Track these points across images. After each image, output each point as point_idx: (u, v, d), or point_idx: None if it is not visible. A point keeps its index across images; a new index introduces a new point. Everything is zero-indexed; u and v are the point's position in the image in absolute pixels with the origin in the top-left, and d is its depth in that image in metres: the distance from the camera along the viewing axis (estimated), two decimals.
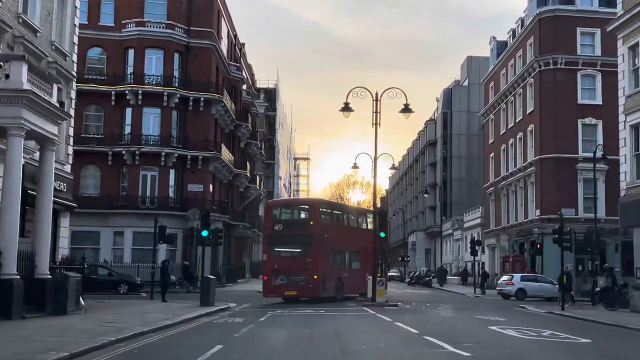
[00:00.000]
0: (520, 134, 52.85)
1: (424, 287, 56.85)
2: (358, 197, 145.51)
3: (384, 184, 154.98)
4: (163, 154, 42.96)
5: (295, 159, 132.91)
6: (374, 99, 30.35)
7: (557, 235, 29.43)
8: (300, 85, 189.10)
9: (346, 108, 30.00)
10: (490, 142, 62.24)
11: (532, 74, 49.94)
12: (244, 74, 58.08)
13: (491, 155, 61.89)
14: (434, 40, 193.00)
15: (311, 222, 29.88)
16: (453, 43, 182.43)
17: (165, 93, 43.20)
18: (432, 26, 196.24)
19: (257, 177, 63.27)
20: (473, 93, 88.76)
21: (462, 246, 75.84)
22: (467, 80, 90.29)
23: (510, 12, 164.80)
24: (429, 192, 74.10)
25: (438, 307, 28.50)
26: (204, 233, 27.71)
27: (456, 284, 59.98)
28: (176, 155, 43.43)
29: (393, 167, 46.37)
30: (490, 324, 19.26)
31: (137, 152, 42.75)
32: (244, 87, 60.02)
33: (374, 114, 30.29)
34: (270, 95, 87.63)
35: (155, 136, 43.46)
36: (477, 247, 48.55)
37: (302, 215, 31.50)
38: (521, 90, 52.83)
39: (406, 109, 30.02)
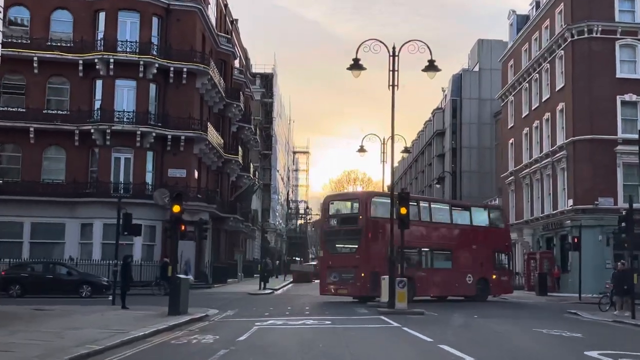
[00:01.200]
0: (547, 115, 46.77)
1: None
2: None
3: (385, 179, 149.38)
4: (138, 133, 36.80)
5: (294, 152, 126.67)
6: (391, 54, 24.40)
7: (624, 224, 23.26)
8: (298, 84, 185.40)
9: (356, 65, 24.11)
10: (510, 126, 56.15)
11: (563, 46, 43.85)
12: (236, 50, 51.93)
13: (510, 141, 55.80)
14: (434, 39, 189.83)
15: (360, 217, 28.14)
16: (453, 41, 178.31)
17: (142, 62, 37.02)
18: (431, 24, 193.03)
19: (251, 166, 57.05)
20: (485, 78, 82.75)
21: None
22: (477, 66, 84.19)
23: (510, 8, 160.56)
24: (440, 183, 67.86)
25: (473, 315, 22.38)
26: (177, 218, 21.47)
27: None
28: (154, 134, 37.28)
29: (405, 150, 40.74)
30: (577, 346, 13.19)
31: (109, 131, 36.58)
32: (236, 63, 53.87)
33: (391, 72, 24.28)
34: (267, 81, 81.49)
35: (129, 112, 37.27)
36: None
37: (353, 210, 29.56)
38: (548, 65, 46.73)
39: (431, 66, 24.13)
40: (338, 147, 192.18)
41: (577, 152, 42.11)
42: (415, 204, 31.00)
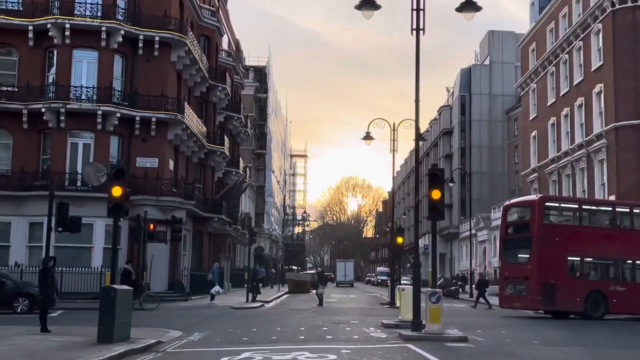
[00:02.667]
0: (580, 100, 40.65)
1: (449, 299, 43.96)
2: (358, 202, 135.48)
3: (385, 186, 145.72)
4: (99, 113, 30.48)
5: (292, 155, 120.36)
6: None
7: None
8: (295, 93, 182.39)
9: (367, 2, 17.85)
10: (532, 117, 50.03)
11: (601, 18, 37.84)
12: (223, 27, 45.70)
13: (533, 134, 49.69)
14: (431, 48, 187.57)
15: (532, 223, 26.14)
16: (450, 50, 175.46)
17: (104, 29, 30.75)
18: (428, 34, 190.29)
19: (241, 161, 50.58)
20: (496, 72, 76.95)
21: (490, 249, 63.54)
22: (488, 59, 78.17)
23: (505, 18, 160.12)
24: (454, 182, 61.41)
25: (533, 341, 16.05)
26: (118, 204, 15.06)
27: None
28: (119, 115, 30.95)
29: (421, 138, 34.53)
30: None
31: (63, 111, 30.27)
32: (224, 45, 47.64)
33: (414, 11, 18.10)
34: (261, 74, 75.27)
35: (89, 88, 30.96)
36: None
37: (525, 216, 27.33)
38: (581, 43, 40.66)
39: (469, 4, 17.90)
40: (336, 156, 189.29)
41: (620, 140, 36.11)
42: (610, 208, 28.21)
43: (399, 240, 35.05)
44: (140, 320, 21.09)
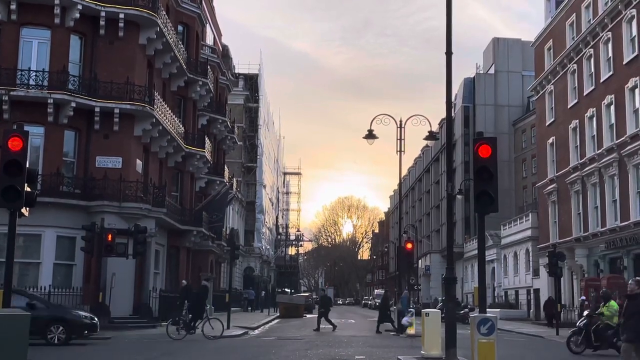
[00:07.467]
0: (609, 98, 35.88)
1: (458, 325, 38.62)
2: (354, 223, 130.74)
3: (381, 206, 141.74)
4: (51, 102, 25.49)
5: (285, 173, 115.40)
6: None
7: None
8: (287, 115, 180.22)
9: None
10: (549, 122, 45.22)
11: (635, 3, 33.17)
12: (207, 21, 40.89)
13: (550, 140, 44.84)
14: (423, 70, 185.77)
15: None
16: (442, 72, 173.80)
17: (58, 2, 25.88)
18: (420, 56, 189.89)
19: (226, 170, 45.42)
20: (501, 82, 72.63)
21: (500, 269, 58.56)
22: (493, 67, 73.77)
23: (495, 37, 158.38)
24: (462, 194, 56.30)
25: None
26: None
27: (505, 318, 42.32)
28: (74, 105, 25.96)
29: (431, 136, 30.04)
30: None
31: (7, 99, 25.31)
32: (208, 41, 42.81)
33: None
34: (252, 82, 70.58)
35: (39, 73, 25.97)
36: (559, 263, 31.48)
37: None
38: (610, 34, 35.99)
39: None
40: (330, 179, 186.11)
41: None
42: None
43: (409, 246, 30.47)
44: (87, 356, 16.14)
